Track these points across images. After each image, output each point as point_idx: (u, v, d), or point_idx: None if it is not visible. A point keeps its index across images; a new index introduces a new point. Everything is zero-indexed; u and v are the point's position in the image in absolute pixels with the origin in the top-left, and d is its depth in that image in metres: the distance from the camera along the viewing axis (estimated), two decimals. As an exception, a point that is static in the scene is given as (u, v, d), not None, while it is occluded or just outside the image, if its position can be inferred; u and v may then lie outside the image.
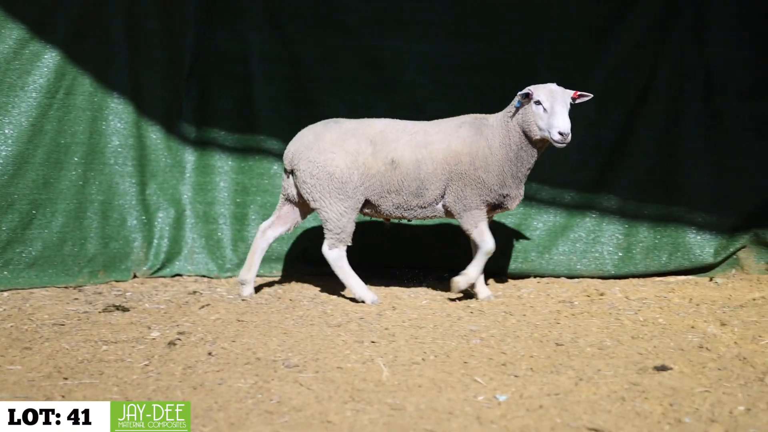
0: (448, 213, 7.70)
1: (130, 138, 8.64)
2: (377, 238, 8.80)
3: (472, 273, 7.63)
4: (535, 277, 8.92)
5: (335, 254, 7.66)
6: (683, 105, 8.79)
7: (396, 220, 8.06)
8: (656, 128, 8.74)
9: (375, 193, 7.59)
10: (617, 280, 8.73)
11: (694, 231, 8.92)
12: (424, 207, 7.65)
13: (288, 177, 7.82)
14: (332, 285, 8.32)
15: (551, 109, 7.22)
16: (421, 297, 7.98)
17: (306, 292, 8.12)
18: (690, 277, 8.88)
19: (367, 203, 7.67)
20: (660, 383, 5.25)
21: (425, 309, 7.44)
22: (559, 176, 8.89)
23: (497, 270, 8.93)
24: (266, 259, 8.86)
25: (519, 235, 8.95)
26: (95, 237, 8.47)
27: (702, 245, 8.94)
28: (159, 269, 8.77)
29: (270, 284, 8.48)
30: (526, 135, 7.37)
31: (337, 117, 8.74)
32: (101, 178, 8.52)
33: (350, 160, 7.51)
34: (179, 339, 6.22)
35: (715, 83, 8.84)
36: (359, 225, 7.86)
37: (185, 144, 8.92)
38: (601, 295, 8.08)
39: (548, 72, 8.81)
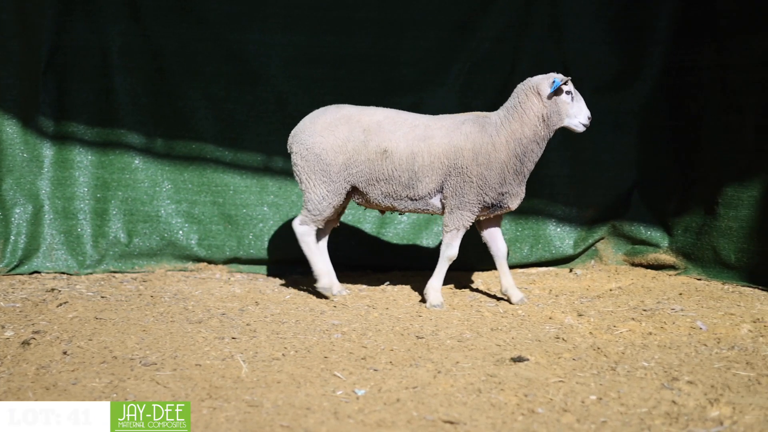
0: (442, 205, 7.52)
1: (-16, 132, 8.43)
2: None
3: (436, 283, 7.47)
4: (399, 270, 8.96)
5: (304, 230, 7.60)
6: (542, 99, 8.94)
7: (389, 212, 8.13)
8: (516, 122, 8.87)
9: (363, 180, 7.45)
10: (480, 273, 8.83)
11: (555, 223, 9.09)
12: (416, 200, 7.46)
13: None
14: (194, 282, 8.26)
15: (576, 95, 7.30)
16: (285, 292, 7.95)
17: (168, 288, 8.01)
18: (551, 268, 9.05)
19: (356, 190, 7.55)
20: (516, 374, 5.32)
21: (288, 304, 7.42)
22: (423, 170, 8.96)
23: (365, 265, 8.97)
24: (128, 255, 8.75)
25: (383, 229, 8.99)
26: (-51, 234, 8.24)
27: (562, 237, 9.11)
28: (16, 266, 8.55)
29: (131, 281, 8.34)
30: (551, 125, 7.27)
31: (198, 110, 8.71)
32: (-45, 174, 8.30)
33: (338, 144, 7.41)
34: (34, 338, 6.08)
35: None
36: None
37: (43, 138, 8.71)
38: (464, 287, 8.17)
39: (410, 66, 8.91)
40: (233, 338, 6.17)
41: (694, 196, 8.70)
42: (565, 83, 7.20)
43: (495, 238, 7.63)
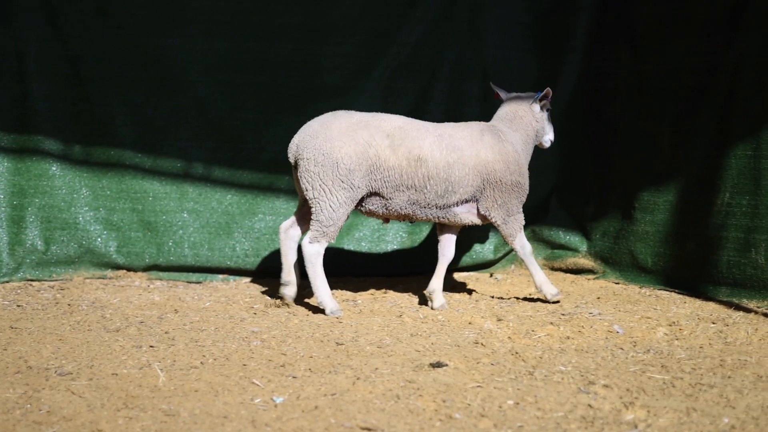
0: (483, 218, 7.64)
1: None
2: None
3: (540, 278, 7.68)
4: (321, 276, 8.95)
5: (315, 249, 7.30)
6: (462, 105, 8.98)
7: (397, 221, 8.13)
8: (437, 128, 8.88)
9: (389, 186, 7.30)
10: (402, 278, 8.86)
11: (476, 228, 9.13)
12: (442, 208, 7.46)
13: (294, 171, 7.50)
14: (113, 289, 8.17)
15: (549, 116, 8.02)
16: (205, 299, 7.90)
17: (86, 296, 7.91)
18: (471, 273, 9.09)
19: (376, 196, 7.39)
20: (435, 380, 5.33)
21: (208, 311, 7.37)
22: (343, 176, 8.97)
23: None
24: (46, 263, 8.62)
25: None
26: None
27: (483, 242, 9.16)
28: (-69, 276, 8.42)
29: (48, 289, 8.23)
30: (537, 139, 7.98)
31: (117, 116, 8.63)
32: None
33: (360, 150, 7.20)
34: (-53, 349, 5.99)
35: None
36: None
37: (-42, 145, 8.59)
38: (385, 293, 8.19)
39: (331, 72, 8.91)
40: (151, 347, 6.12)
41: (611, 200, 8.81)
42: (544, 97, 7.82)
43: (449, 242, 7.77)
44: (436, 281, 7.63)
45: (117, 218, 8.77)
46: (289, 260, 7.62)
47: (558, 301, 7.71)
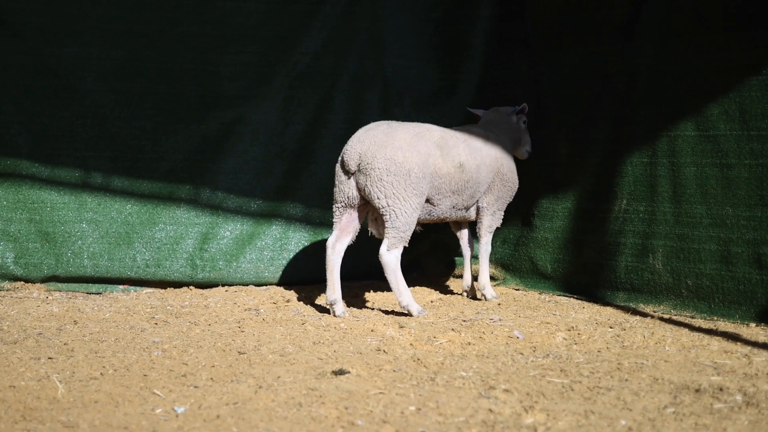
0: (476, 212, 8.23)
1: None
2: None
3: (487, 278, 8.37)
4: (223, 285, 8.91)
5: (395, 256, 7.40)
6: (363, 114, 8.99)
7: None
8: (337, 137, 8.85)
9: (440, 193, 7.63)
10: (304, 287, 8.84)
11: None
12: (467, 209, 8.08)
13: (349, 179, 7.47)
14: (10, 301, 8.04)
15: (526, 126, 8.56)
16: (105, 310, 7.80)
17: (-18, 308, 7.78)
18: (373, 281, 9.09)
19: (426, 202, 7.64)
20: (337, 387, 5.34)
21: (108, 322, 7.28)
22: (245, 184, 8.94)
23: (187, 282, 8.86)
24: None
25: (206, 245, 8.90)
26: None
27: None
28: None
29: (-57, 301, 8.07)
30: (515, 146, 8.50)
31: (12, 125, 8.48)
32: None
33: (422, 160, 7.40)
34: None
35: (391, 93, 9.16)
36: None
37: None
38: (287, 301, 8.18)
39: (231, 81, 8.88)
40: (50, 358, 6.02)
41: (511, 208, 8.87)
42: (521, 111, 8.44)
43: (469, 236, 8.53)
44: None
45: (14, 229, 8.61)
46: (334, 277, 7.63)
47: (499, 303, 8.11)
